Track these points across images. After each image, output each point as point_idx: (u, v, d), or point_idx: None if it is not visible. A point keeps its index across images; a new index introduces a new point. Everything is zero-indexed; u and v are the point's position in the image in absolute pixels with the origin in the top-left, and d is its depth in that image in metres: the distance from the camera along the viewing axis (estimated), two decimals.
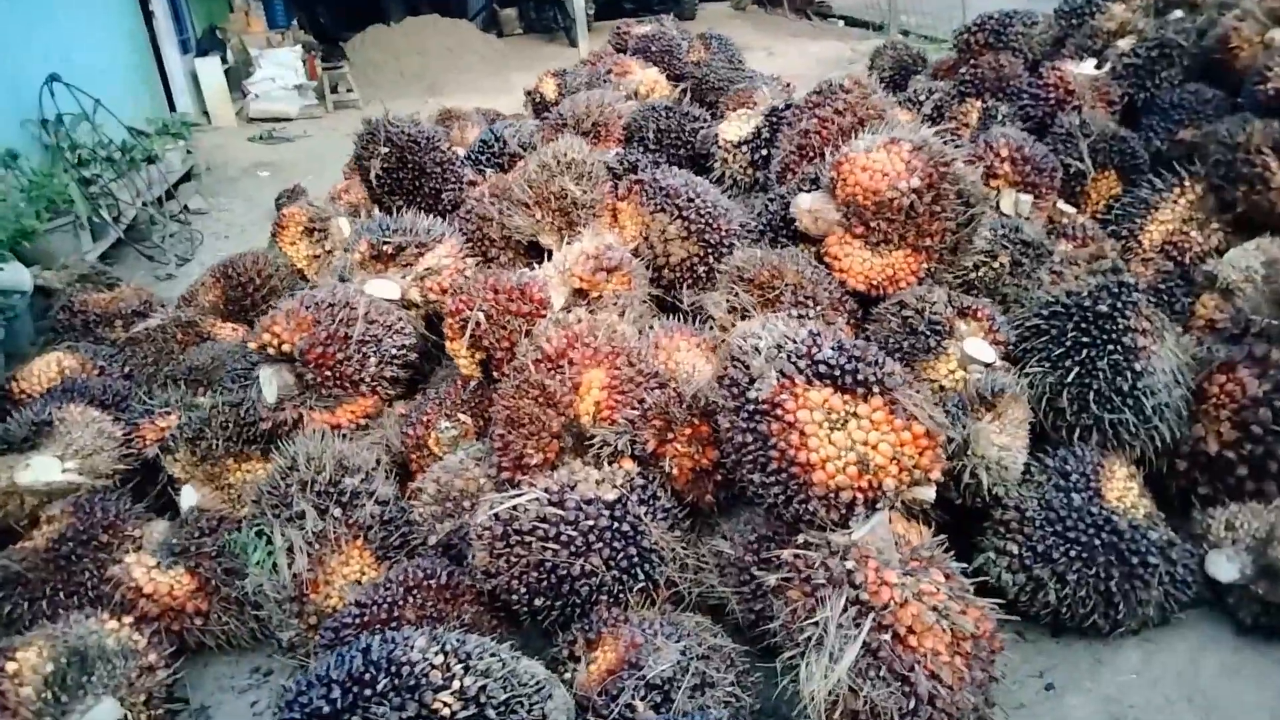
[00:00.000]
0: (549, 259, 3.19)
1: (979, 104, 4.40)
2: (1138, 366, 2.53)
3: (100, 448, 2.93)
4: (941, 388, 2.76)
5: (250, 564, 2.51)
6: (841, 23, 15.28)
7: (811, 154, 3.39)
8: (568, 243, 3.25)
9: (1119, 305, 2.59)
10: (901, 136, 2.91)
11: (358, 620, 2.26)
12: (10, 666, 2.21)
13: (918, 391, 2.17)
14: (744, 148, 3.88)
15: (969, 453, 2.38)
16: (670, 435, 2.44)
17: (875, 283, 2.97)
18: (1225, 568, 2.40)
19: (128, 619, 2.43)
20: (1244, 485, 2.53)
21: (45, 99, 5.95)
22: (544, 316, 2.76)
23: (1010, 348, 2.79)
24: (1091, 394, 2.54)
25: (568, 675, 2.20)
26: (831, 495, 2.12)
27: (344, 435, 2.95)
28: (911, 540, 2.33)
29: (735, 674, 2.17)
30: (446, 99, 11.53)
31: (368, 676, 1.87)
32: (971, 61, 4.75)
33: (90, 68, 7.04)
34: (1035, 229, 3.42)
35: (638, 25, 6.25)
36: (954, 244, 2.93)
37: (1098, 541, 2.34)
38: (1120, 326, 2.57)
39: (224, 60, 11.06)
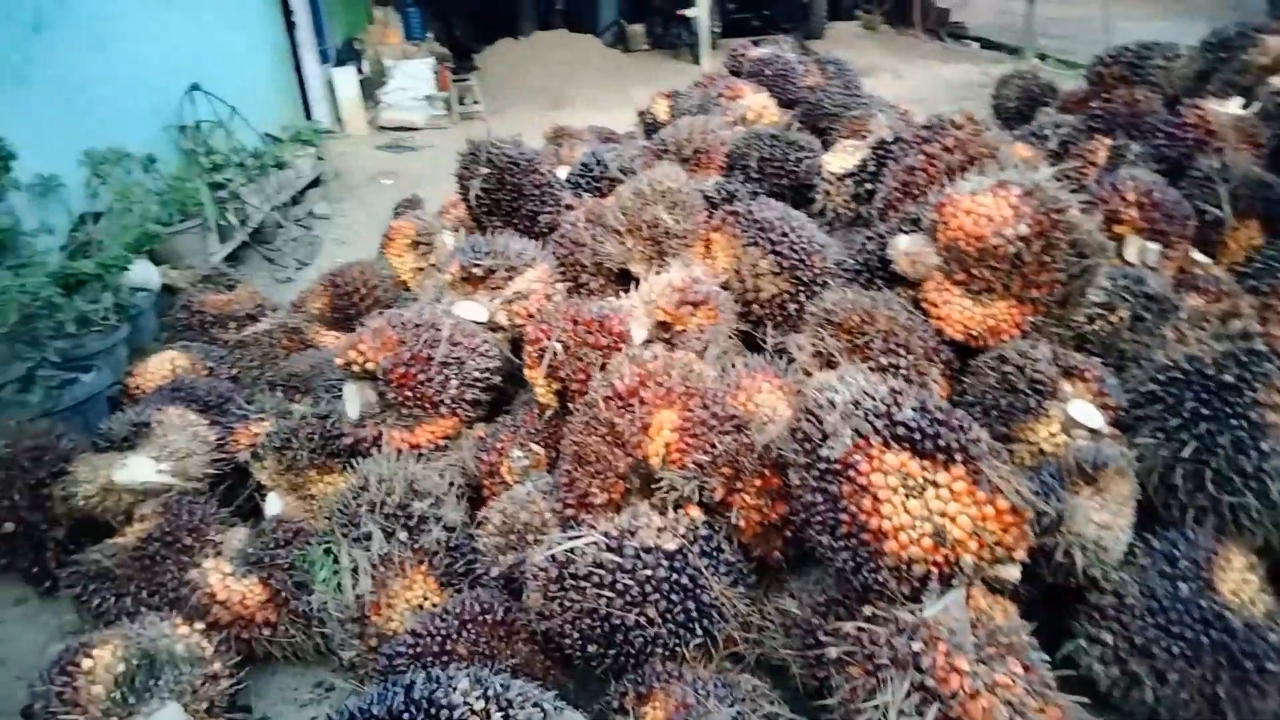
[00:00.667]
0: (636, 288, 3.15)
1: (1108, 142, 4.12)
2: (1264, 446, 2.29)
3: (193, 451, 3.04)
4: (1041, 452, 2.57)
5: (316, 581, 2.55)
6: (976, 45, 14.79)
7: (916, 192, 3.23)
8: (656, 273, 3.20)
9: (1246, 376, 2.36)
10: (1012, 179, 2.73)
11: (411, 650, 2.25)
12: (85, 663, 2.29)
13: (1005, 462, 2.01)
14: (848, 181, 3.75)
15: (1062, 529, 2.20)
16: (739, 485, 2.34)
17: (975, 333, 2.80)
18: None
19: (199, 624, 2.49)
20: None
21: (186, 106, 6.29)
22: (622, 350, 2.71)
23: (1121, 414, 2.58)
24: (1209, 472, 2.32)
25: None
26: (903, 567, 1.98)
27: (422, 456, 2.98)
28: (995, 618, 2.17)
29: None
30: (568, 113, 11.71)
31: (406, 716, 1.85)
32: (1104, 95, 4.48)
33: (232, 77, 7.41)
34: (1161, 281, 3.18)
35: (754, 48, 6.15)
36: (1064, 297, 2.73)
37: (1205, 639, 2.12)
38: (1246, 400, 2.34)
39: (359, 70, 11.52)
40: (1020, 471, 2.08)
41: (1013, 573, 2.03)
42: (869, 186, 3.67)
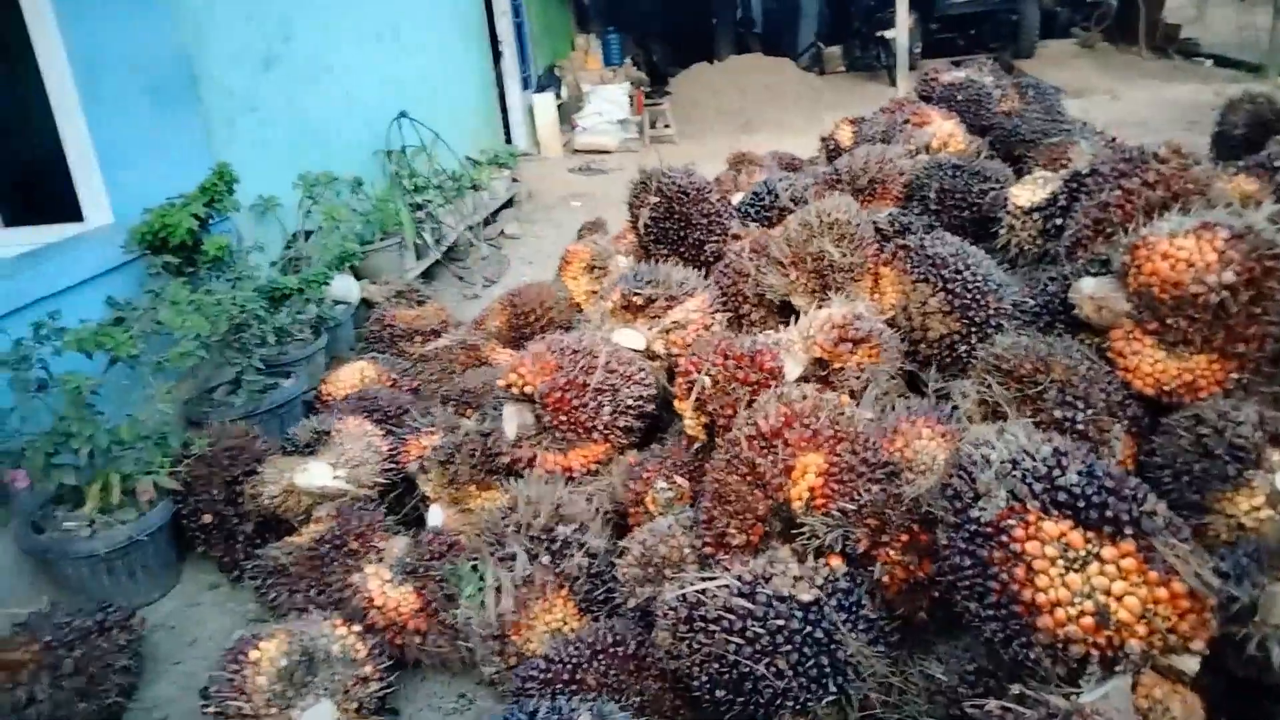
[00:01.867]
0: (796, 322, 3.07)
1: None
2: None
3: (366, 460, 3.23)
4: (1240, 527, 2.29)
5: (462, 596, 2.64)
6: (1209, 62, 13.56)
7: (1110, 230, 2.97)
8: (817, 307, 3.11)
9: None
10: (1220, 220, 2.46)
11: (542, 675, 2.28)
12: (254, 654, 2.47)
13: (1186, 539, 1.80)
14: (1035, 215, 3.50)
15: (1257, 619, 1.94)
16: (885, 537, 2.23)
17: (1168, 389, 2.54)
18: None
19: (356, 627, 2.64)
20: None
21: (394, 132, 6.76)
22: (771, 387, 2.64)
23: None
24: None
25: None
26: (1059, 645, 1.81)
27: (573, 479, 3.03)
28: (1172, 711, 1.95)
29: None
30: (759, 137, 11.70)
31: None
32: None
33: (439, 104, 7.92)
34: None
35: (948, 71, 5.89)
36: (1278, 353, 2.42)
37: None
38: None
39: (557, 96, 12.00)
40: (1207, 550, 1.85)
41: (1190, 664, 1.81)
42: (1059, 222, 3.41)
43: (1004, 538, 1.87)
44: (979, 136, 5.24)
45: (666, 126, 12.61)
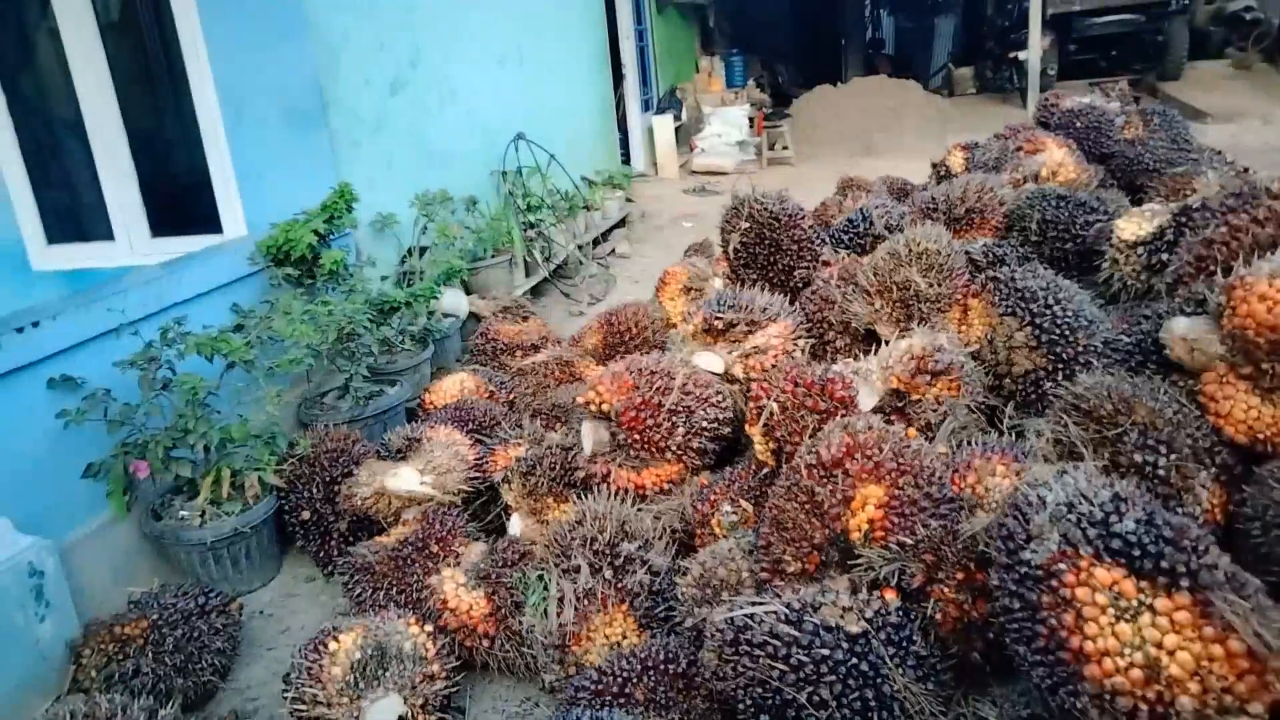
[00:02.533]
0: (878, 351, 3.06)
1: None
2: None
3: (453, 468, 3.38)
4: None
5: (527, 604, 2.73)
6: None
7: (1214, 268, 2.84)
8: (899, 338, 3.08)
9: None
10: None
11: (593, 687, 2.34)
12: (332, 646, 2.63)
13: (1248, 597, 1.71)
14: (1140, 249, 3.36)
15: None
16: (941, 574, 2.19)
17: (1262, 437, 2.40)
18: None
19: (428, 627, 2.77)
20: None
21: (510, 153, 7.02)
22: (839, 416, 2.64)
23: None
24: None
25: None
26: (1107, 697, 1.75)
27: (645, 498, 3.09)
28: None
29: None
30: (879, 160, 11.54)
31: None
32: None
33: (558, 126, 8.18)
34: None
35: (1068, 97, 5.69)
36: None
37: None
38: None
39: (677, 117, 12.16)
40: (1269, 609, 1.75)
41: None
42: (1164, 257, 3.27)
43: (1054, 582, 1.82)
44: (1099, 165, 5.06)
45: (785, 148, 12.59)
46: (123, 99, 4.85)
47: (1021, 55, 13.57)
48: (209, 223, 4.86)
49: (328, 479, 3.48)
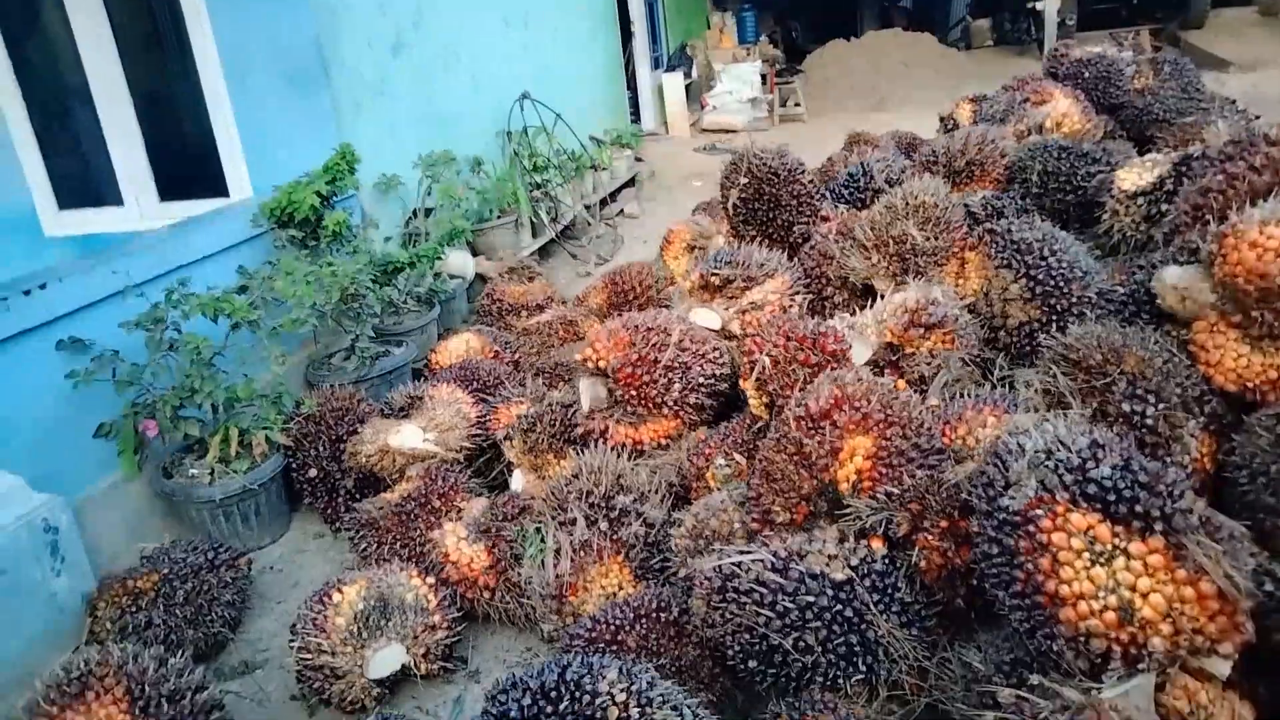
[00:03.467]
0: (874, 305, 3.07)
1: None
2: None
3: (455, 425, 3.44)
4: None
5: (525, 556, 2.79)
6: None
7: (1210, 217, 2.81)
8: (894, 291, 3.09)
9: None
10: None
11: (587, 634, 2.40)
12: (336, 597, 2.71)
13: (1220, 540, 1.73)
14: (1140, 200, 3.34)
15: None
16: (925, 523, 2.22)
17: (1251, 385, 2.41)
18: None
19: (430, 579, 2.84)
20: None
21: (516, 113, 6.99)
22: (834, 369, 2.66)
23: None
24: None
25: None
26: (1081, 639, 1.79)
27: (643, 453, 3.14)
28: (1217, 717, 1.90)
29: None
30: (892, 115, 11.39)
31: (554, 694, 1.99)
32: None
33: (565, 85, 8.13)
34: None
35: (1077, 47, 5.60)
36: None
37: None
38: None
39: (687, 75, 12.03)
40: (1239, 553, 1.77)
41: (1220, 668, 1.75)
42: (1164, 208, 3.25)
43: (1031, 527, 1.85)
44: (1109, 116, 4.99)
45: (797, 105, 12.45)
46: (127, 65, 4.87)
47: (1039, 5, 13.30)
48: (216, 186, 4.91)
49: (334, 437, 3.54)
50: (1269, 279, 2.29)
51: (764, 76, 12.53)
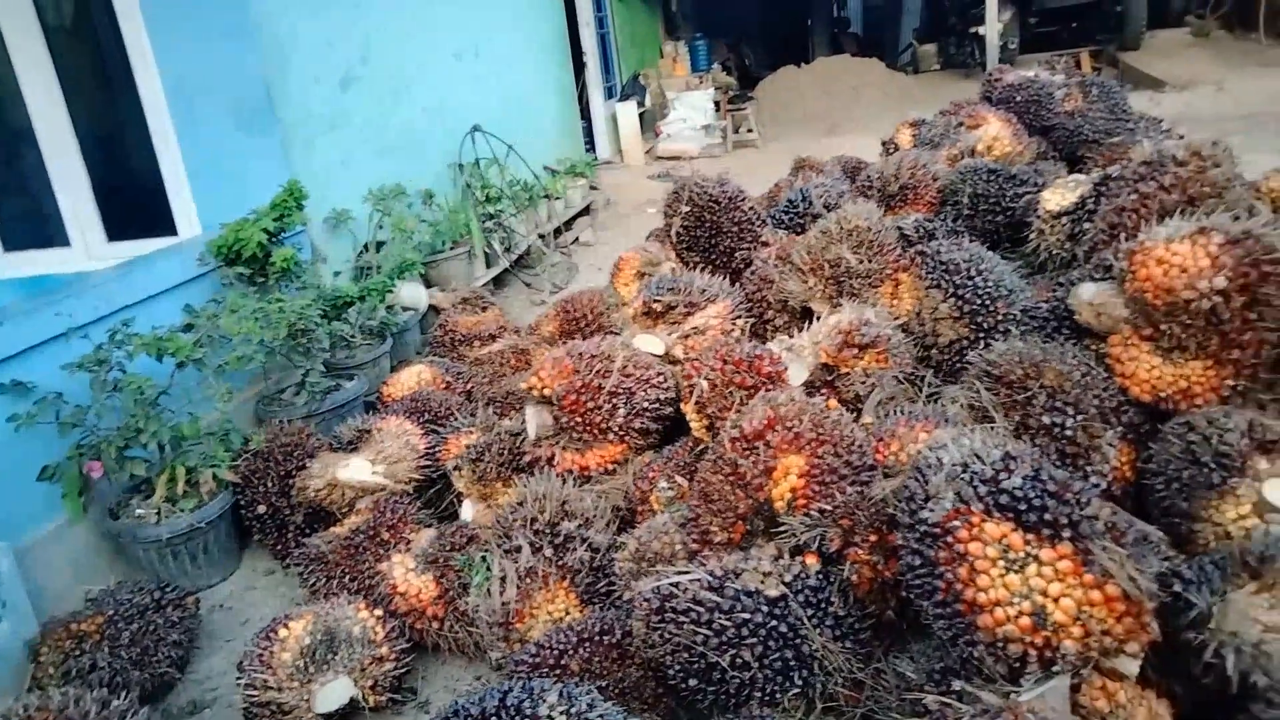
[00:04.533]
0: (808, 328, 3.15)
1: None
2: None
3: (404, 457, 3.46)
4: (1228, 535, 2.26)
5: (472, 584, 2.82)
6: None
7: (1126, 235, 2.94)
8: (829, 314, 3.18)
9: None
10: (1217, 225, 2.43)
11: (532, 660, 2.43)
12: (282, 633, 2.71)
13: (1125, 545, 1.81)
14: (1064, 219, 3.47)
15: (1212, 626, 1.93)
16: (856, 538, 2.29)
17: (1164, 395, 2.52)
18: None
19: (379, 611, 2.85)
20: None
21: (467, 145, 7.06)
22: (770, 390, 2.73)
23: None
24: None
25: None
26: (999, 645, 1.86)
27: (589, 479, 3.18)
28: (1136, 717, 1.98)
29: None
30: (843, 139, 11.62)
31: (495, 719, 2.03)
32: None
33: (518, 116, 8.21)
34: None
35: (1012, 72, 5.79)
36: (1276, 360, 2.37)
37: None
38: None
39: (640, 104, 12.19)
40: (1154, 555, 1.86)
41: (1129, 667, 1.83)
42: (1086, 226, 3.37)
43: (949, 538, 1.92)
44: (1042, 137, 5.16)
45: (750, 131, 12.64)
46: (72, 106, 4.88)
47: (982, 30, 13.66)
48: (164, 225, 4.91)
49: (282, 473, 3.54)
50: (1174, 294, 2.40)
51: (717, 104, 12.73)
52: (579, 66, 11.08)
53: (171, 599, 3.06)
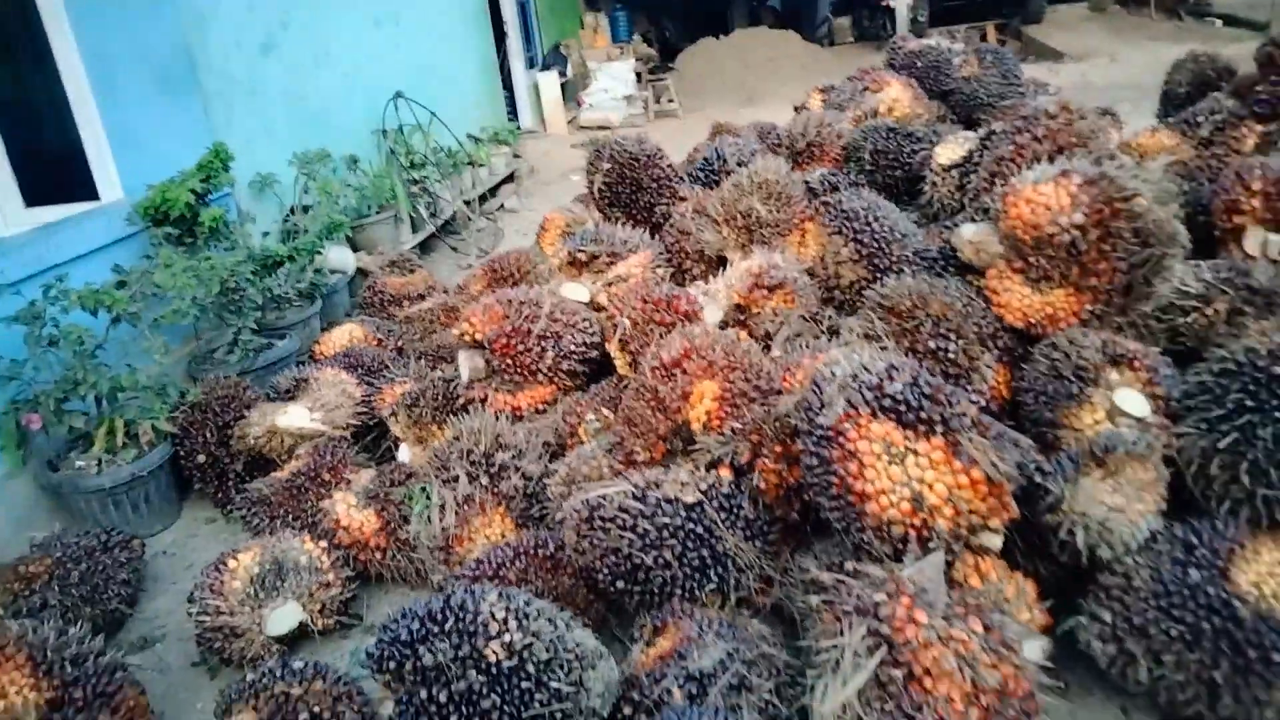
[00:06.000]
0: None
1: (1259, 129, 3.86)
2: None
3: (341, 404, 3.61)
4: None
5: (413, 514, 3.00)
6: (1219, 23, 13.50)
7: (1003, 181, 3.25)
8: (742, 259, 3.42)
9: None
10: (1077, 169, 2.74)
11: (472, 574, 2.64)
12: (232, 564, 2.86)
13: (989, 437, 2.11)
14: (954, 172, 3.78)
15: (1065, 508, 2.24)
16: (763, 450, 2.55)
17: (1033, 321, 2.83)
18: None
19: (323, 543, 3.01)
20: None
21: (391, 112, 7.11)
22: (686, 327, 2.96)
23: (1173, 404, 2.54)
24: (1245, 464, 2.26)
25: (632, 655, 2.42)
26: (884, 528, 2.14)
27: (521, 418, 3.38)
28: (1005, 591, 2.28)
29: (777, 683, 2.25)
30: (762, 108, 11.91)
31: (440, 617, 2.23)
32: (1272, 79, 4.16)
33: (440, 85, 8.25)
34: (1270, 274, 3.01)
35: (914, 41, 6.11)
36: (1127, 286, 2.70)
37: (1207, 625, 2.10)
38: None
39: (562, 74, 12.28)
40: (1002, 447, 2.15)
41: (993, 541, 2.13)
42: (973, 177, 3.68)
43: (841, 439, 2.19)
44: (941, 101, 5.49)
45: (671, 101, 12.86)
46: None
47: (892, 3, 14.10)
48: (86, 190, 4.89)
49: (221, 424, 3.65)
50: (1040, 229, 2.71)
51: (639, 75, 12.90)
52: (500, 36, 11.11)
53: (118, 541, 3.17)
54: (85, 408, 3.46)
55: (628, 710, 2.26)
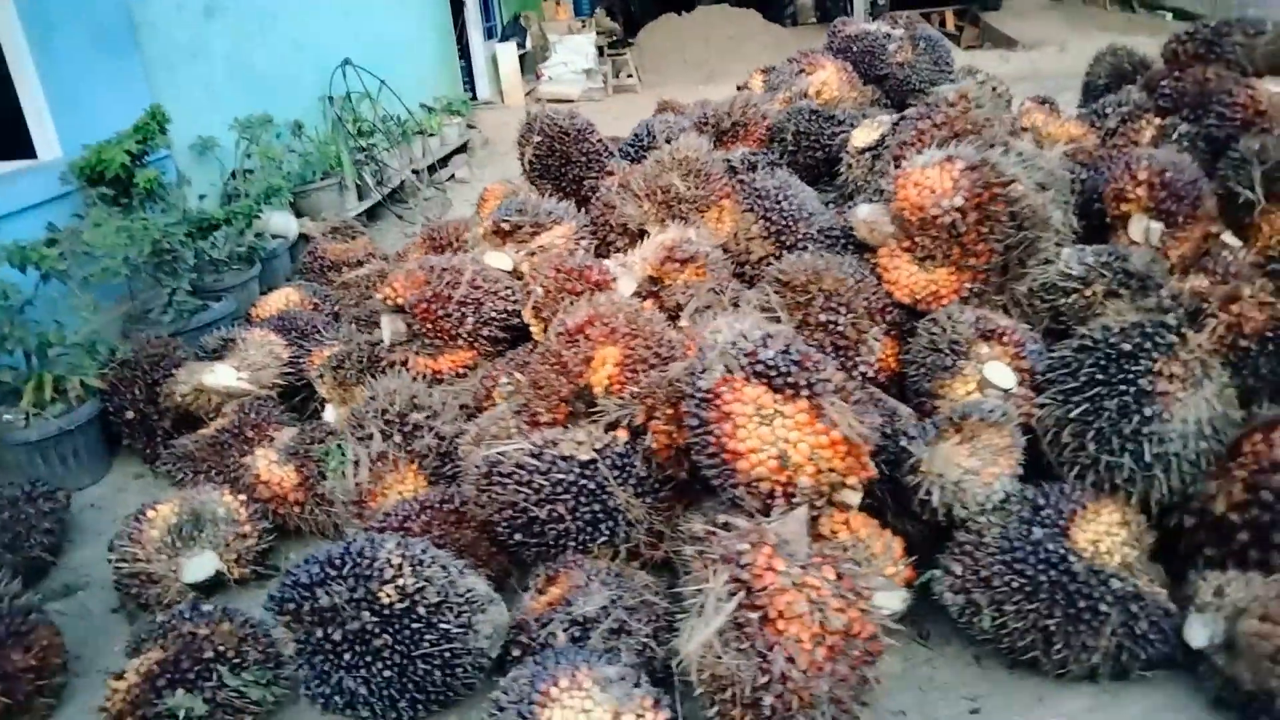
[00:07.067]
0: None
1: (1157, 121, 4.06)
2: (1148, 411, 2.40)
3: (267, 364, 3.71)
4: None
5: (328, 469, 3.13)
6: (1170, 15, 13.80)
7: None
8: (657, 233, 3.56)
9: (1146, 346, 2.47)
10: (962, 154, 2.91)
11: (379, 526, 2.77)
12: (151, 515, 2.98)
13: (850, 402, 2.28)
14: (867, 154, 3.93)
15: (923, 469, 2.42)
16: (656, 413, 2.70)
17: (919, 297, 3.01)
18: (1198, 633, 2.25)
19: (242, 496, 3.13)
20: (1247, 552, 2.33)
21: (338, 79, 7.13)
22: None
23: (1037, 377, 2.73)
24: (1091, 432, 2.46)
25: (524, 602, 2.58)
26: (754, 484, 2.30)
27: (442, 381, 3.51)
28: (872, 548, 2.46)
29: (655, 628, 2.42)
30: (721, 85, 12.01)
31: (338, 562, 2.37)
32: (1175, 74, 4.37)
33: (393, 53, 8.26)
34: (1145, 259, 3.21)
35: (852, 25, 6.25)
36: (1004, 265, 2.88)
37: (1044, 578, 2.30)
38: (1141, 368, 2.45)
39: (521, 45, 12.28)
40: (860, 411, 2.33)
41: (851, 498, 2.30)
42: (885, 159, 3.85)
43: (718, 401, 2.34)
44: (876, 85, 5.64)
45: (630, 76, 12.91)
46: None
47: None
48: (24, 149, 4.91)
49: (150, 381, 3.73)
50: (924, 210, 2.88)
51: (600, 48, 12.93)
52: (458, 5, 11.09)
53: (42, 492, 3.27)
54: (14, 363, 3.53)
55: (516, 652, 2.42)
